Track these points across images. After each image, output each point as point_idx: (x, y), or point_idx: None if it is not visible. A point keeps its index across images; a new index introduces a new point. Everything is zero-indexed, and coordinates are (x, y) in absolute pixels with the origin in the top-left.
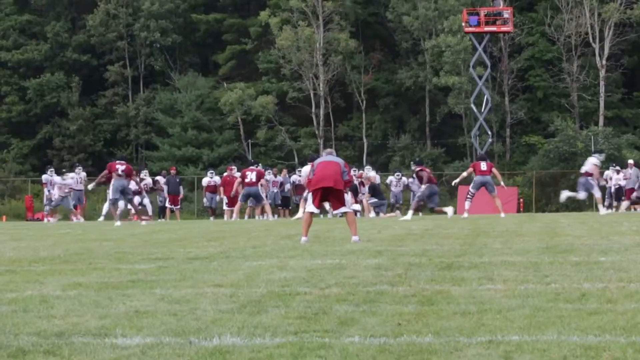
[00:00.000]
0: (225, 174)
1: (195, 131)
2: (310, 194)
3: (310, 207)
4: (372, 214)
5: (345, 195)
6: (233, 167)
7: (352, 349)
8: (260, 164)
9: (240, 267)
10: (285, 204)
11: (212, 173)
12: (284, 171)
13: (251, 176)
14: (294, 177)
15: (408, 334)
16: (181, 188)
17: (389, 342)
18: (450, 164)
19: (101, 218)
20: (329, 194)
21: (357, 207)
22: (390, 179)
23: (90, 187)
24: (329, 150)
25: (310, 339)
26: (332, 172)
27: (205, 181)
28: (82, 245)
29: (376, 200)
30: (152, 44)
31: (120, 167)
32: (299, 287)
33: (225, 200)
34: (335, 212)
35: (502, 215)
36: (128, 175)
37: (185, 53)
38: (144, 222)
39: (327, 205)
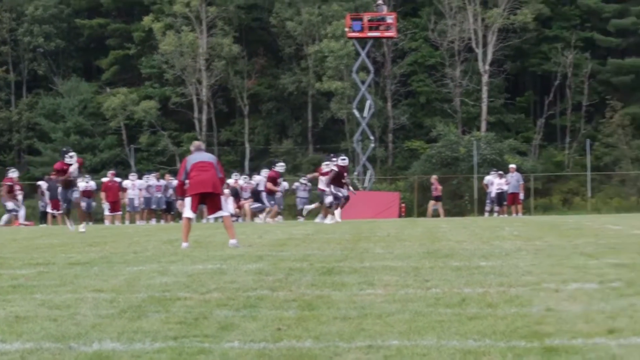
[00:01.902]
0: (106, 179)
1: (78, 136)
2: (189, 198)
3: (188, 212)
4: (260, 219)
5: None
6: (114, 172)
7: (231, 354)
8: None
9: (121, 272)
10: (169, 209)
11: (87, 178)
12: (167, 176)
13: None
14: (176, 182)
15: (288, 338)
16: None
17: (268, 347)
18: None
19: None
20: (206, 198)
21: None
22: (296, 184)
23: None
24: (197, 143)
25: (190, 344)
26: (209, 176)
27: (81, 186)
28: None
29: (259, 205)
30: (35, 49)
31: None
32: (179, 292)
33: (107, 206)
34: (210, 216)
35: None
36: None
37: (68, 58)
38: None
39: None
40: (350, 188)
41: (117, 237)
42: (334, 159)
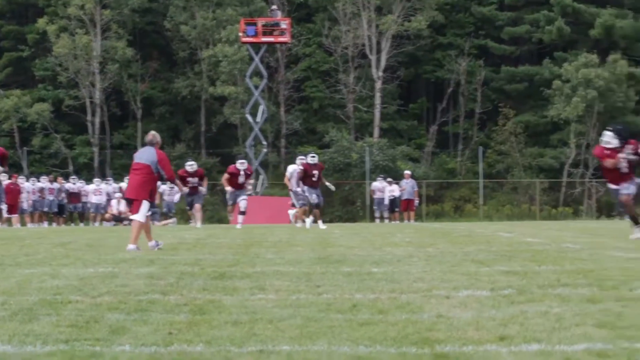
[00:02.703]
0: (6, 181)
1: None
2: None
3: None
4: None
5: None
6: (16, 175)
7: (123, 358)
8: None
9: (12, 274)
10: (61, 212)
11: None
12: (59, 179)
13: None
14: (69, 185)
15: (179, 342)
16: None
17: (159, 350)
18: (224, 174)
19: None
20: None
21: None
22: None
23: None
24: (148, 137)
25: (81, 347)
26: (135, 183)
27: None
28: None
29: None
30: None
31: None
32: (71, 295)
33: (5, 207)
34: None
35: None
36: None
37: None
38: None
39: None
40: (327, 184)
41: (8, 239)
42: (303, 158)
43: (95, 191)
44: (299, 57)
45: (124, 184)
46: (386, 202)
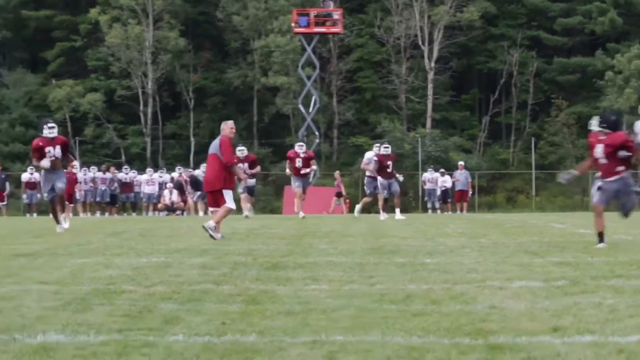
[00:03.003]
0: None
1: (23, 128)
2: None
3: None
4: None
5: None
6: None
7: (176, 347)
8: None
9: (65, 264)
10: (114, 202)
11: (31, 169)
12: (112, 169)
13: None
14: (121, 175)
15: (232, 333)
16: (7, 184)
17: (212, 340)
18: (277, 164)
19: None
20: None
21: None
22: None
23: None
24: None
25: (135, 337)
26: (210, 176)
27: (25, 177)
28: None
29: (199, 193)
30: None
31: None
32: (124, 285)
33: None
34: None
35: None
36: None
37: (14, 49)
38: None
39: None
40: (397, 175)
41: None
42: (378, 146)
43: (148, 181)
44: (351, 47)
45: (175, 174)
46: (438, 193)
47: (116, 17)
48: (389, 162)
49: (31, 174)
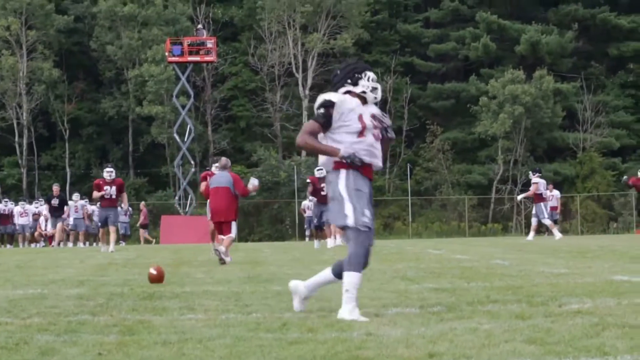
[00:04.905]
0: None
1: None
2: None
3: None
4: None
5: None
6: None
7: None
8: None
9: None
10: None
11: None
12: None
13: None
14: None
15: None
16: None
17: None
18: (153, 194)
19: None
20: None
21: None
22: None
23: None
24: (223, 162)
25: None
26: (223, 207)
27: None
28: None
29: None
30: None
31: None
32: (0, 317)
33: None
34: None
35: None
36: None
37: None
38: None
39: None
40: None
41: None
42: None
43: (22, 213)
44: (226, 76)
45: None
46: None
47: None
48: (324, 185)
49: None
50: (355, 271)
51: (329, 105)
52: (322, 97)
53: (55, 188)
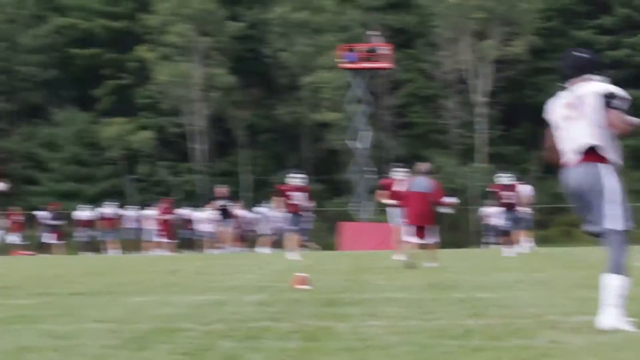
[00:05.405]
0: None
1: (76, 166)
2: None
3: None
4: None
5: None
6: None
7: None
8: None
9: (123, 302)
10: (172, 239)
11: (87, 208)
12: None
13: None
14: (181, 212)
15: None
16: (62, 223)
17: None
18: (330, 200)
19: None
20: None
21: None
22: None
23: None
24: (425, 167)
25: None
26: (423, 211)
27: (78, 215)
28: None
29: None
30: (30, 78)
31: None
32: (182, 323)
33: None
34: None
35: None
36: None
37: (63, 87)
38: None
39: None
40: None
41: (116, 267)
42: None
43: (201, 218)
44: (400, 82)
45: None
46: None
47: (164, 55)
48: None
49: (87, 212)
50: (624, 275)
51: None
52: (615, 88)
53: (222, 190)
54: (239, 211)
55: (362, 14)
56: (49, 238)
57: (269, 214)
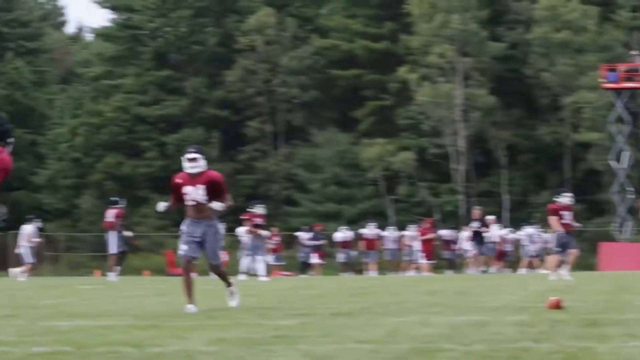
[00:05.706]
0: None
1: (336, 187)
2: None
3: None
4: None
5: None
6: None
7: None
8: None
9: (383, 322)
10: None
11: (346, 229)
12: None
13: None
14: (442, 232)
15: None
16: (323, 243)
17: None
18: (592, 221)
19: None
20: None
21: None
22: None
23: None
24: None
25: None
26: None
27: (338, 236)
28: (225, 301)
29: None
30: (290, 100)
31: None
32: (442, 343)
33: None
34: None
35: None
36: None
37: (324, 109)
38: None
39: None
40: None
41: (375, 287)
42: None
43: (465, 240)
44: None
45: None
46: None
47: (425, 76)
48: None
49: (346, 233)
50: None
51: None
52: None
53: (476, 212)
54: (499, 231)
55: (624, 34)
56: (310, 258)
57: (534, 234)
